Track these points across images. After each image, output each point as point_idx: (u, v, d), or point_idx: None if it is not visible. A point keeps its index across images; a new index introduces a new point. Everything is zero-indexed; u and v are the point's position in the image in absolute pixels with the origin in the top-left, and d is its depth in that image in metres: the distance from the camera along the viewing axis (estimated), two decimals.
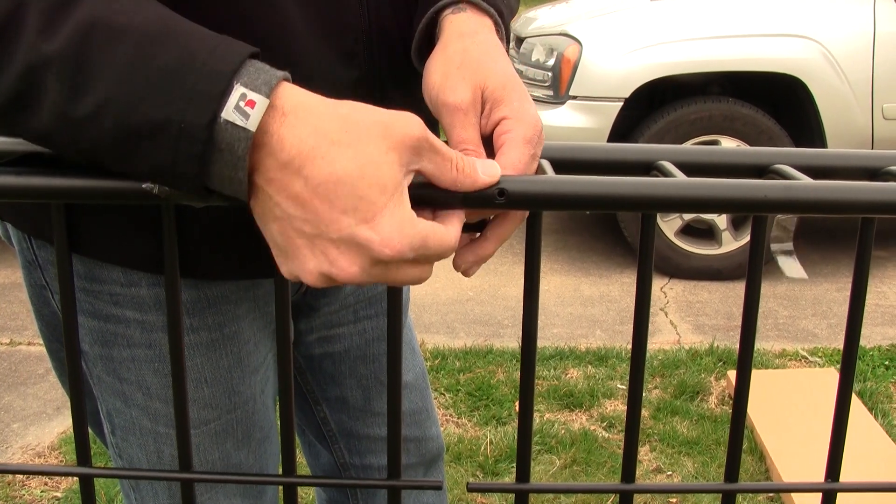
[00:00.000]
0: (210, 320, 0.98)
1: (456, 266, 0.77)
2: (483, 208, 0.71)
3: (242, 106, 0.64)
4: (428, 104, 0.82)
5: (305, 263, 0.68)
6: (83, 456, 0.83)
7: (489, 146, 0.78)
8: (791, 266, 1.04)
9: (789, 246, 1.05)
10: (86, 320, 0.97)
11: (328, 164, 0.65)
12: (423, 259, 0.68)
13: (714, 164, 0.82)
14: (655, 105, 4.11)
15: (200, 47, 0.66)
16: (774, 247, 1.05)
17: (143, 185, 0.69)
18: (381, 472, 1.29)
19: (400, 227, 0.66)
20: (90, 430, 1.14)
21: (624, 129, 4.06)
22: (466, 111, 0.77)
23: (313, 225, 0.66)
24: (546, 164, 0.78)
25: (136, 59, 0.65)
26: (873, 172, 0.81)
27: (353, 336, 1.19)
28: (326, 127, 0.66)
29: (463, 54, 0.80)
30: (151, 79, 0.65)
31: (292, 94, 0.67)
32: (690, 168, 0.78)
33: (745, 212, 0.71)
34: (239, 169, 0.65)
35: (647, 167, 0.80)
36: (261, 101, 0.64)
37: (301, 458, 1.62)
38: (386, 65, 0.91)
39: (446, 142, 0.76)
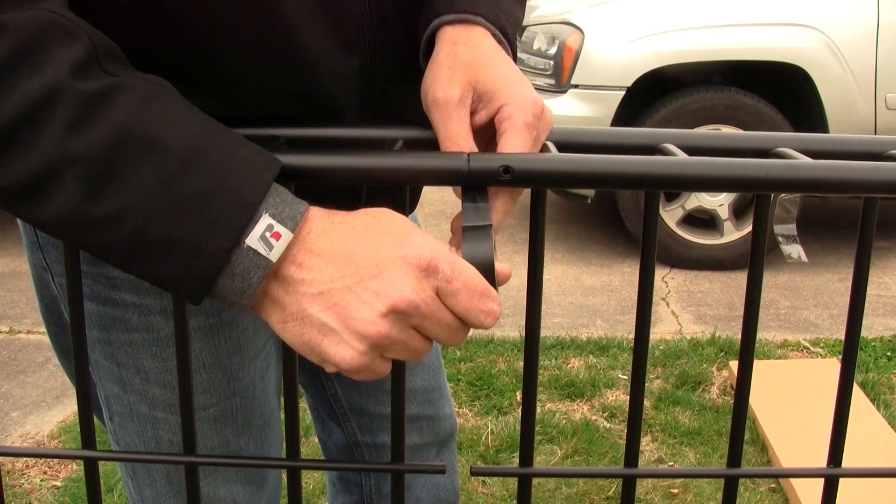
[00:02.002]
0: (208, 305, 0.98)
1: None
2: (488, 185, 0.71)
3: (268, 237, 0.66)
4: (424, 108, 0.83)
5: (362, 314, 0.67)
6: (88, 439, 0.82)
7: (481, 140, 0.79)
8: (792, 249, 1.03)
9: (792, 229, 1.03)
10: (84, 303, 0.96)
11: (348, 225, 0.69)
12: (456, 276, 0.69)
13: (717, 148, 0.82)
14: (657, 94, 4.11)
15: (230, 173, 0.67)
16: (777, 228, 1.04)
17: None
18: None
19: (428, 237, 0.68)
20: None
21: (626, 118, 4.05)
22: (456, 105, 0.78)
23: (354, 269, 0.67)
24: (550, 146, 0.78)
25: (165, 176, 0.65)
26: (875, 157, 0.81)
27: None
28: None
29: (453, 58, 0.81)
30: (177, 198, 0.65)
31: (311, 220, 0.69)
32: (694, 152, 0.78)
33: (747, 190, 0.71)
34: (246, 296, 0.67)
35: (651, 151, 0.80)
36: (286, 236, 0.67)
37: (307, 439, 1.61)
38: (388, 55, 0.91)
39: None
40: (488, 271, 0.69)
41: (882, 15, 3.92)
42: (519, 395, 2.99)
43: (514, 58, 0.89)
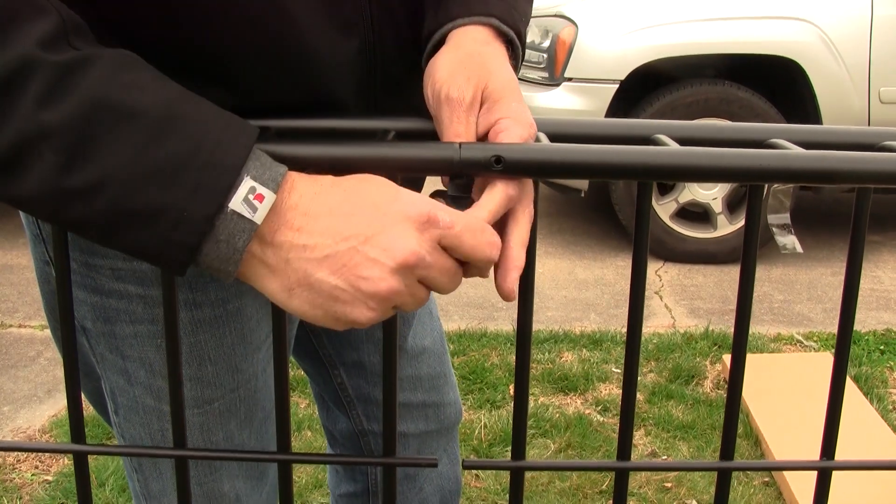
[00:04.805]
0: (213, 296, 0.97)
1: (504, 286, 0.76)
2: (479, 173, 0.71)
3: (251, 199, 0.66)
4: (428, 99, 0.82)
5: (372, 272, 0.68)
6: (77, 433, 0.82)
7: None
8: (787, 240, 1.03)
9: (786, 218, 1.03)
10: (88, 296, 0.96)
11: (340, 187, 0.70)
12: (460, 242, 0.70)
13: (711, 139, 0.81)
14: (651, 88, 4.10)
15: (207, 137, 0.66)
16: (772, 218, 1.04)
17: None
18: (400, 440, 1.28)
19: (417, 194, 0.70)
20: (96, 412, 1.13)
21: (619, 111, 4.04)
22: (467, 108, 0.78)
23: (357, 229, 0.68)
24: (542, 136, 0.77)
25: (141, 142, 0.65)
26: (869, 148, 0.81)
27: None
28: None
29: (470, 57, 0.81)
30: (155, 164, 0.65)
31: (298, 185, 0.69)
32: (687, 143, 0.77)
33: (741, 181, 0.70)
34: (231, 262, 0.67)
35: (644, 142, 0.80)
36: (269, 196, 0.66)
37: (300, 433, 1.61)
38: (390, 36, 0.90)
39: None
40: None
41: (876, 9, 3.92)
42: (512, 389, 2.99)
43: (523, 55, 0.90)
